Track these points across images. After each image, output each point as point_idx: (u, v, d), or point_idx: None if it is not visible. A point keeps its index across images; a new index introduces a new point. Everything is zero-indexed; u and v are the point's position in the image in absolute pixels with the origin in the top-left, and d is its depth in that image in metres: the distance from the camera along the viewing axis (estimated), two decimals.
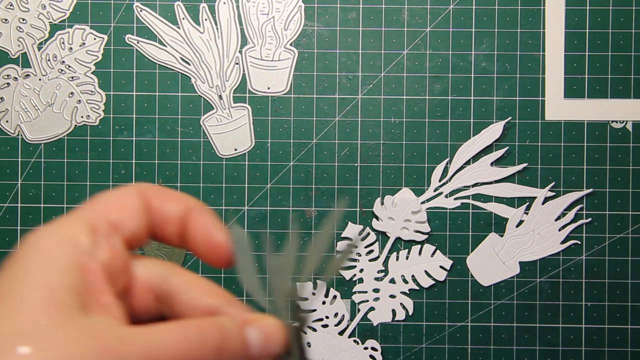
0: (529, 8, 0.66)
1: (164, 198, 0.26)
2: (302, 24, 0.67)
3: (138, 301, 0.25)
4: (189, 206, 0.26)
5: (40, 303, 0.20)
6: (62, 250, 0.21)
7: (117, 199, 0.25)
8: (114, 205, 0.24)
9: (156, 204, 0.25)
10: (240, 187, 0.67)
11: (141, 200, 0.25)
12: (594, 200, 0.66)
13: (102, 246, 0.23)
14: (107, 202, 0.24)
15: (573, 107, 0.66)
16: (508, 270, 0.66)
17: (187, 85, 0.67)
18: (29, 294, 0.20)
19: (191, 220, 0.26)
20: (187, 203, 0.26)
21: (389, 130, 0.67)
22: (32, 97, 0.66)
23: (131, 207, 0.25)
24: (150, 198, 0.25)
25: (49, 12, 0.66)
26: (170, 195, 0.26)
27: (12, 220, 0.67)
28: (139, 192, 0.25)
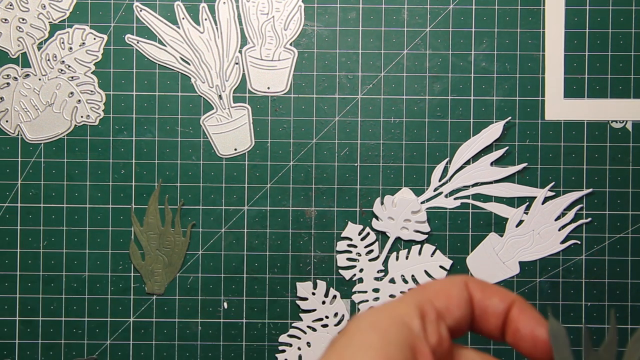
0: (529, 8, 0.66)
1: (488, 292, 0.27)
2: (302, 24, 0.67)
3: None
4: (512, 300, 0.27)
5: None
6: (397, 329, 0.23)
7: (445, 287, 0.26)
8: (442, 293, 0.26)
9: (479, 296, 0.27)
10: (240, 187, 0.67)
11: (466, 291, 0.26)
12: (593, 200, 0.66)
13: (430, 330, 0.24)
14: (436, 289, 0.26)
15: (573, 107, 0.66)
16: (508, 270, 0.66)
17: (187, 85, 0.67)
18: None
19: (514, 315, 0.27)
20: (510, 298, 0.27)
21: (388, 130, 0.67)
22: (32, 97, 0.67)
23: (458, 297, 0.26)
24: (473, 290, 0.27)
25: (49, 12, 0.66)
26: (493, 290, 0.27)
27: (12, 220, 0.67)
28: (464, 283, 0.27)
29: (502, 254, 0.66)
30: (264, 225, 0.67)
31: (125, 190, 0.67)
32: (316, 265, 0.67)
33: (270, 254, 0.67)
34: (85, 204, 0.67)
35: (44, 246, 0.67)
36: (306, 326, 0.67)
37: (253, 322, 0.67)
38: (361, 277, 0.67)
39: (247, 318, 0.67)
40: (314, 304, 0.67)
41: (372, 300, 0.67)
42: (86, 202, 0.67)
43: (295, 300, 0.67)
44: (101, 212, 0.67)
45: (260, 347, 0.67)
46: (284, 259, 0.67)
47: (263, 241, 0.67)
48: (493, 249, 0.66)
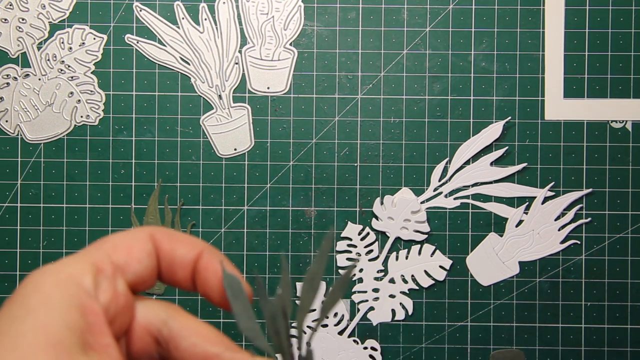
0: (529, 8, 0.66)
1: (175, 242, 0.26)
2: (302, 24, 0.67)
3: (137, 343, 0.25)
4: (200, 250, 0.26)
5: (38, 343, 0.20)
6: (63, 290, 0.21)
7: (125, 241, 0.25)
8: (122, 247, 0.25)
9: (167, 247, 0.26)
10: (239, 187, 0.67)
11: (150, 243, 0.25)
12: (593, 200, 0.66)
13: (104, 287, 0.23)
14: (114, 244, 0.25)
15: (573, 107, 0.66)
16: (508, 270, 0.66)
17: (186, 85, 0.67)
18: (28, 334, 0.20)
19: (202, 265, 0.26)
20: (198, 247, 0.26)
21: (388, 130, 0.67)
22: (31, 96, 0.67)
23: (139, 250, 0.25)
24: (160, 242, 0.26)
25: (49, 12, 0.66)
26: (181, 239, 0.26)
27: (11, 220, 0.67)
28: (149, 235, 0.25)
29: (502, 254, 0.66)
30: (264, 225, 0.67)
31: (125, 190, 0.67)
32: None
33: (270, 254, 0.67)
34: (85, 204, 0.67)
35: (44, 246, 0.67)
36: (306, 326, 0.67)
37: None
38: (361, 277, 0.67)
39: None
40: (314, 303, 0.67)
41: (372, 300, 0.67)
42: (86, 202, 0.67)
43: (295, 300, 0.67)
44: (101, 212, 0.67)
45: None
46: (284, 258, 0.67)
47: (263, 241, 0.67)
48: (493, 249, 0.66)
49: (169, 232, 0.26)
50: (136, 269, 0.24)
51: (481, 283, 0.67)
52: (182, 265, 0.26)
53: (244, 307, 0.26)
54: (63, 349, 0.20)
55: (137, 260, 0.24)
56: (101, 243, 0.24)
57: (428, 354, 0.66)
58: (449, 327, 0.67)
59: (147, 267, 0.25)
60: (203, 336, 0.25)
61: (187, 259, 0.26)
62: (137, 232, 0.25)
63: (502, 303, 0.67)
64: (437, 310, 0.67)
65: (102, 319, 0.22)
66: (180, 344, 0.25)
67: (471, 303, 0.67)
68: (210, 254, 0.26)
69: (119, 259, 0.24)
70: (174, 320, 0.25)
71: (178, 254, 0.26)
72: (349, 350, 0.67)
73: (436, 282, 0.66)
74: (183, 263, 0.26)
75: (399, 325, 0.67)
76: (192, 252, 0.26)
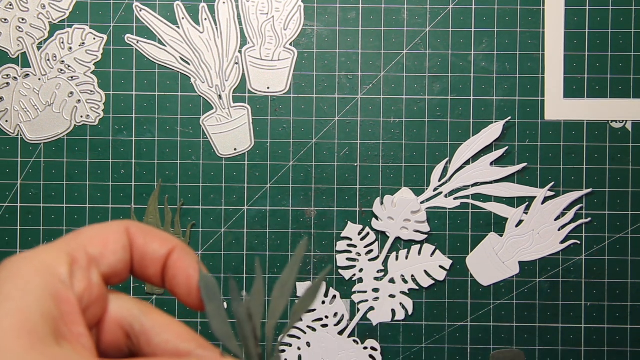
0: (529, 8, 0.66)
1: (149, 237, 0.26)
2: (302, 24, 0.67)
3: (108, 336, 0.25)
4: (172, 246, 0.26)
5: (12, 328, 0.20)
6: (38, 278, 0.22)
7: (101, 233, 0.25)
8: (97, 239, 0.25)
9: (140, 242, 0.26)
10: (239, 187, 0.67)
11: (125, 236, 0.25)
12: (593, 200, 0.66)
13: (79, 277, 0.23)
14: (90, 235, 0.25)
15: (573, 107, 0.66)
16: (508, 270, 0.66)
17: (186, 85, 0.67)
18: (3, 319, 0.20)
19: (172, 261, 0.26)
20: (171, 243, 0.26)
21: (388, 130, 0.67)
22: (31, 96, 0.67)
23: (114, 243, 0.25)
24: (135, 236, 0.26)
25: (49, 11, 0.66)
26: (155, 234, 0.26)
27: (11, 220, 0.67)
28: (124, 229, 0.26)
29: (502, 254, 0.66)
30: (264, 225, 0.67)
31: (125, 190, 0.67)
32: (316, 265, 0.67)
33: (270, 254, 0.67)
34: (85, 204, 0.67)
35: None
36: (306, 326, 0.67)
37: None
38: (361, 277, 0.67)
39: None
40: (314, 303, 0.67)
41: (372, 300, 0.67)
42: (86, 202, 0.67)
43: (295, 300, 0.67)
44: (101, 212, 0.67)
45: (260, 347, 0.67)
46: (284, 259, 0.67)
47: (263, 241, 0.67)
48: (493, 249, 0.66)
49: (144, 227, 0.26)
50: (110, 261, 0.25)
51: (481, 283, 0.67)
52: (154, 261, 0.26)
53: (217, 309, 0.26)
54: (37, 336, 0.20)
55: (111, 253, 0.25)
56: (77, 234, 0.25)
57: (428, 354, 0.66)
58: (449, 327, 0.67)
59: (121, 260, 0.25)
60: (175, 333, 0.25)
61: (158, 254, 0.26)
62: (114, 225, 0.26)
63: (502, 303, 0.67)
64: (437, 310, 0.67)
65: (76, 309, 0.22)
66: (152, 339, 0.25)
67: (471, 303, 0.67)
68: (182, 252, 0.26)
69: (94, 250, 0.24)
70: (146, 316, 0.25)
71: (150, 249, 0.26)
72: (349, 350, 0.67)
73: (436, 282, 0.66)
74: (154, 258, 0.26)
75: (399, 325, 0.67)
76: (164, 248, 0.26)
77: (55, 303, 0.22)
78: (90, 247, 0.24)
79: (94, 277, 0.24)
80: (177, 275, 0.26)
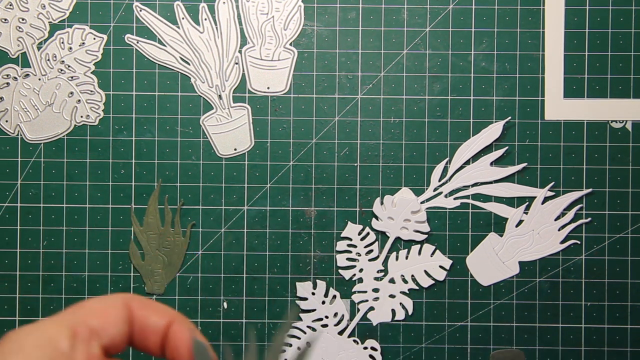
0: (529, 8, 0.66)
1: (148, 310, 0.28)
2: (302, 24, 0.67)
3: None
4: (171, 318, 0.28)
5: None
6: (42, 351, 0.23)
7: (102, 306, 0.27)
8: (98, 312, 0.26)
9: (140, 315, 0.27)
10: (239, 187, 0.67)
11: (125, 309, 0.27)
12: (593, 200, 0.66)
13: (80, 350, 0.25)
14: (92, 309, 0.26)
15: (573, 107, 0.66)
16: (508, 270, 0.66)
17: (186, 85, 0.67)
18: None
19: (173, 332, 0.28)
20: (170, 315, 0.28)
21: (388, 130, 0.67)
22: (31, 96, 0.67)
23: (114, 316, 0.27)
24: (134, 309, 0.27)
25: (49, 11, 0.66)
26: (153, 307, 0.28)
27: (11, 220, 0.67)
28: (123, 302, 0.27)
29: (502, 254, 0.66)
30: (264, 225, 0.67)
31: (125, 190, 0.67)
32: (316, 265, 0.67)
33: (270, 254, 0.67)
34: (85, 204, 0.67)
35: (43, 246, 0.67)
36: (306, 326, 0.67)
37: (253, 322, 0.67)
38: (361, 277, 0.67)
39: (247, 318, 0.67)
40: (314, 304, 0.67)
41: (372, 300, 0.67)
42: (86, 202, 0.67)
43: (295, 300, 0.67)
44: (101, 212, 0.67)
45: (260, 347, 0.67)
46: (284, 258, 0.67)
47: (263, 241, 0.67)
48: (493, 249, 0.66)
49: (143, 301, 0.28)
50: (111, 333, 0.26)
51: (481, 283, 0.67)
52: (154, 332, 0.27)
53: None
54: None
55: (112, 325, 0.26)
56: (79, 307, 0.26)
57: (428, 354, 0.66)
58: (449, 327, 0.67)
59: (121, 332, 0.27)
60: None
61: (158, 326, 0.28)
62: (113, 299, 0.27)
63: (502, 303, 0.67)
64: (437, 310, 0.67)
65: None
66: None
67: (471, 303, 0.67)
68: (181, 323, 0.28)
69: (95, 323, 0.26)
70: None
71: (151, 322, 0.27)
72: (349, 350, 0.67)
73: (436, 282, 0.66)
74: (155, 330, 0.27)
75: (399, 325, 0.67)
76: (164, 320, 0.28)
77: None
78: (91, 320, 0.26)
79: (94, 349, 0.25)
80: (178, 347, 0.27)
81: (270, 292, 0.67)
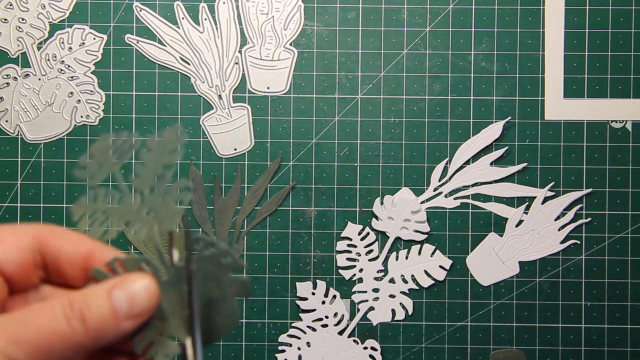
0: (529, 8, 0.66)
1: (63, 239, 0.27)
2: (302, 24, 0.67)
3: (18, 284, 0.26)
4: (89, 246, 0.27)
5: None
6: None
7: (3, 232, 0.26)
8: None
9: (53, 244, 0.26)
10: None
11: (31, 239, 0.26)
12: (593, 200, 0.66)
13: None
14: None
15: (572, 107, 0.66)
16: (508, 270, 0.66)
17: (186, 85, 0.67)
18: None
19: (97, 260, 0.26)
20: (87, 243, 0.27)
21: (388, 130, 0.67)
22: (31, 96, 0.66)
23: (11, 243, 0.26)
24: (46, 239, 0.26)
25: (49, 11, 0.66)
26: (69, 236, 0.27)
27: (11, 220, 0.67)
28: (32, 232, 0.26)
29: (502, 254, 0.66)
30: (264, 225, 0.67)
31: None
32: (316, 265, 0.67)
33: (270, 254, 0.67)
34: None
35: None
36: (306, 326, 0.67)
37: (253, 322, 0.67)
38: (361, 277, 0.67)
39: (247, 318, 0.67)
40: (314, 304, 0.67)
41: (372, 300, 0.67)
42: None
43: (295, 300, 0.67)
44: None
45: (260, 347, 0.67)
46: (284, 258, 0.67)
47: (263, 241, 0.67)
48: (493, 249, 0.66)
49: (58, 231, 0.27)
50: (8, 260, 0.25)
51: (481, 283, 0.67)
52: (69, 263, 0.26)
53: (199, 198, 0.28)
54: None
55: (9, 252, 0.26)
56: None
57: (428, 354, 0.66)
58: (449, 327, 0.67)
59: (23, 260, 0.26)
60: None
61: (74, 256, 0.26)
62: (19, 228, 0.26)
63: (502, 303, 0.67)
64: (437, 310, 0.67)
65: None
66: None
67: (471, 303, 0.67)
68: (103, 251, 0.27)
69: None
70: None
71: (65, 251, 0.26)
72: (349, 350, 0.67)
73: (436, 282, 0.66)
74: (70, 260, 0.26)
75: (399, 325, 0.67)
76: (81, 250, 0.26)
77: None
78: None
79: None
80: None
81: (270, 292, 0.67)
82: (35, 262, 0.26)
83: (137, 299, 0.25)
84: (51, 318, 0.23)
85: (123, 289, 0.25)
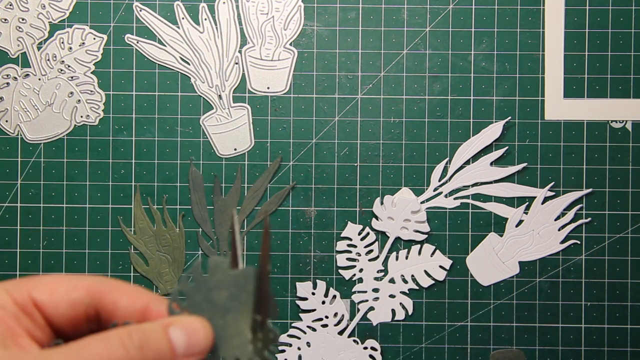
0: (529, 8, 0.66)
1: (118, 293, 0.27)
2: (302, 24, 0.67)
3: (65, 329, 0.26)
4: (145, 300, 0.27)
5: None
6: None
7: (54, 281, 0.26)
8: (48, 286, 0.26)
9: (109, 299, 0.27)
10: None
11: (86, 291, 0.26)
12: (593, 200, 0.66)
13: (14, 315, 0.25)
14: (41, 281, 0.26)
15: (572, 107, 0.66)
16: (508, 270, 0.66)
17: (186, 85, 0.67)
18: None
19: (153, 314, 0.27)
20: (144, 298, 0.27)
21: (388, 130, 0.67)
22: (31, 96, 0.66)
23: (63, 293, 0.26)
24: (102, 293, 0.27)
25: (49, 11, 0.66)
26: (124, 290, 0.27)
27: (11, 220, 0.67)
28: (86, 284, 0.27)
29: (502, 254, 0.66)
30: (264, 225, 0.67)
31: (125, 190, 0.67)
32: (316, 265, 0.67)
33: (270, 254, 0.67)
34: (85, 204, 0.67)
35: (44, 246, 0.67)
36: (306, 326, 0.67)
37: None
38: (361, 277, 0.67)
39: None
40: (314, 304, 0.67)
41: (372, 300, 0.67)
42: (86, 202, 0.67)
43: (295, 300, 0.67)
44: (101, 212, 0.67)
45: None
46: (284, 258, 0.67)
47: None
48: (493, 249, 0.66)
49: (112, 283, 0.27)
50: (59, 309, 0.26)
51: (481, 283, 0.67)
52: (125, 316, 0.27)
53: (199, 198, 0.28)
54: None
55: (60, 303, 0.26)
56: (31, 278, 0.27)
57: (428, 354, 0.66)
58: (449, 327, 0.67)
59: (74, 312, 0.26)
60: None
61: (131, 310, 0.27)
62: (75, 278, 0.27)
63: (502, 303, 0.67)
64: (437, 310, 0.67)
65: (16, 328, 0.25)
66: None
67: (471, 303, 0.67)
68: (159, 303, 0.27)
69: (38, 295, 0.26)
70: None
71: (120, 306, 0.27)
72: (349, 350, 0.67)
73: (436, 282, 0.66)
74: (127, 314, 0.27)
75: (399, 325, 0.67)
76: (137, 303, 0.27)
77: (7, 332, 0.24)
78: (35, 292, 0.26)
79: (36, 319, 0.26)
80: None
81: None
82: (87, 317, 0.27)
83: (194, 337, 0.25)
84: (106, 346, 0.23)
85: (181, 327, 0.25)
